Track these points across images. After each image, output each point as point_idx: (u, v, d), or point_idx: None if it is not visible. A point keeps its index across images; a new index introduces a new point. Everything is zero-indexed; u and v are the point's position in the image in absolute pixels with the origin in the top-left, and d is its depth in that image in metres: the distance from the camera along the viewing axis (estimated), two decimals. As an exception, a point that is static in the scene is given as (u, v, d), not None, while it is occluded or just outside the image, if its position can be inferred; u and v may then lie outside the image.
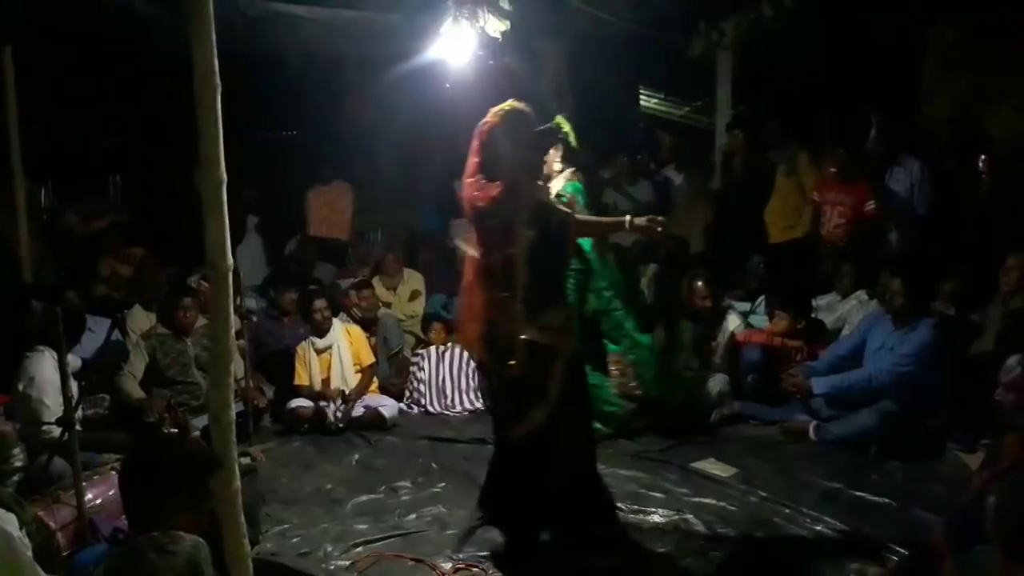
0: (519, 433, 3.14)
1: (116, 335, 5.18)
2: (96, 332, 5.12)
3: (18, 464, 3.55)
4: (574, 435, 3.29)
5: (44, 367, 4.00)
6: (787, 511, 3.64)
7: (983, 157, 5.65)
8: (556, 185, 4.55)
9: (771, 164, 6.44)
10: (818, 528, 3.48)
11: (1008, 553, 2.33)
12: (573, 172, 4.64)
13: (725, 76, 7.05)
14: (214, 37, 1.86)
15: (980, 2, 5.98)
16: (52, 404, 3.91)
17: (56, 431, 3.39)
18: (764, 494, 3.82)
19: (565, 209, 3.37)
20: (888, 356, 4.40)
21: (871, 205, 5.73)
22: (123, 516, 2.67)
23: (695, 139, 7.76)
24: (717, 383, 5.11)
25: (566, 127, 4.49)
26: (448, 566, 3.23)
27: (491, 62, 4.79)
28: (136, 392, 4.67)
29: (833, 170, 5.90)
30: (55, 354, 3.90)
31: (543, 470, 3.19)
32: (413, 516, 3.74)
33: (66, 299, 5.11)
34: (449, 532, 3.53)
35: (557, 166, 4.61)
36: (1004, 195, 5.37)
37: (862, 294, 5.40)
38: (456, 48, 4.70)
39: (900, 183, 5.80)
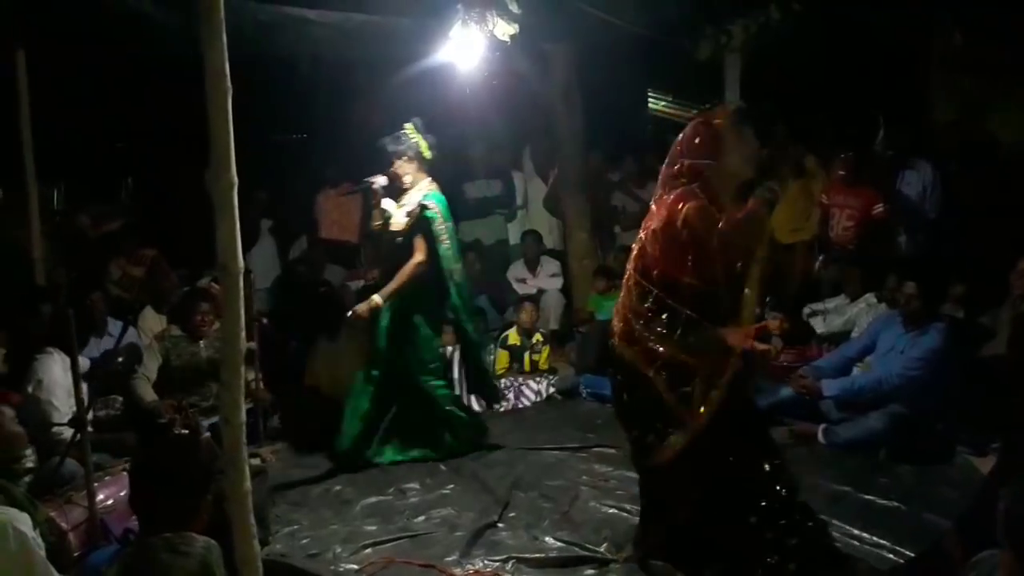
0: (660, 460, 2.90)
1: (131, 336, 5.22)
2: (112, 334, 5.19)
3: (29, 465, 3.58)
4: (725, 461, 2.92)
5: (52, 369, 4.02)
6: (796, 514, 3.63)
7: (990, 160, 5.64)
8: (414, 197, 4.46)
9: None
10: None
11: (1018, 557, 2.33)
12: (431, 182, 4.55)
13: (733, 79, 7.05)
14: (225, 40, 1.87)
15: (987, 5, 5.96)
16: (61, 406, 3.93)
17: (66, 432, 3.42)
18: (773, 497, 3.81)
19: None
20: (898, 359, 4.38)
21: (879, 208, 5.72)
22: (134, 517, 2.69)
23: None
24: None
25: (416, 136, 4.43)
26: (459, 572, 3.23)
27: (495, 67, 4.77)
28: (149, 395, 4.70)
29: (841, 173, 5.89)
30: (64, 356, 3.94)
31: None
32: (422, 518, 3.76)
33: (93, 301, 5.16)
34: (458, 534, 3.54)
35: (408, 178, 4.50)
36: (1012, 198, 5.34)
37: (870, 297, 5.39)
38: (465, 52, 4.72)
39: (912, 187, 5.78)
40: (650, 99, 9.21)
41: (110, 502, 3.21)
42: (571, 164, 6.72)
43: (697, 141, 2.88)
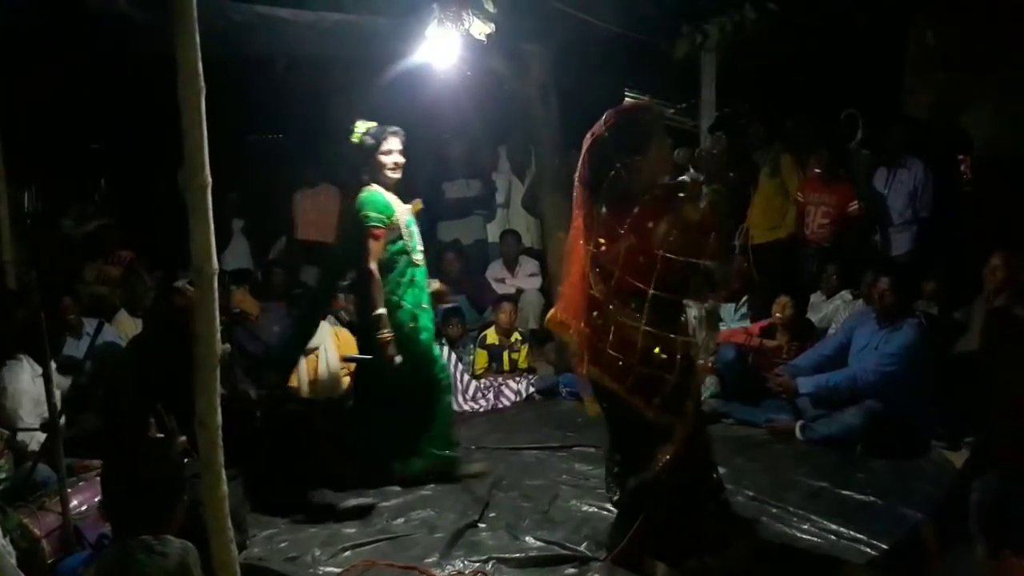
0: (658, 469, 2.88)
1: (108, 334, 5.14)
2: (89, 333, 5.11)
3: (2, 476, 3.52)
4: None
5: (20, 377, 3.95)
6: (774, 510, 3.66)
7: (963, 157, 5.71)
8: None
9: (754, 166, 6.48)
10: (805, 527, 3.50)
11: (992, 550, 2.37)
12: None
13: (709, 78, 7.09)
14: (198, 39, 1.85)
15: (960, 4, 6.04)
16: (26, 415, 3.87)
17: (35, 438, 3.37)
18: (751, 493, 3.84)
19: None
20: (873, 355, 4.43)
21: (854, 205, 5.77)
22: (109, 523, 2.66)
23: (681, 141, 7.79)
24: (707, 385, 5.13)
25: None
26: (439, 573, 3.22)
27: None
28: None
29: (817, 171, 5.94)
30: (33, 363, 3.89)
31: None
32: (401, 519, 3.74)
33: (64, 305, 5.09)
34: (437, 535, 3.53)
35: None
36: (985, 194, 5.42)
37: (846, 294, 5.45)
38: (441, 51, 4.70)
39: (904, 185, 5.83)
40: (627, 98, 9.24)
41: (84, 508, 3.16)
42: (549, 163, 6.72)
43: (625, 136, 2.85)
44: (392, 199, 4.04)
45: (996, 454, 2.96)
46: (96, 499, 3.15)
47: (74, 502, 3.09)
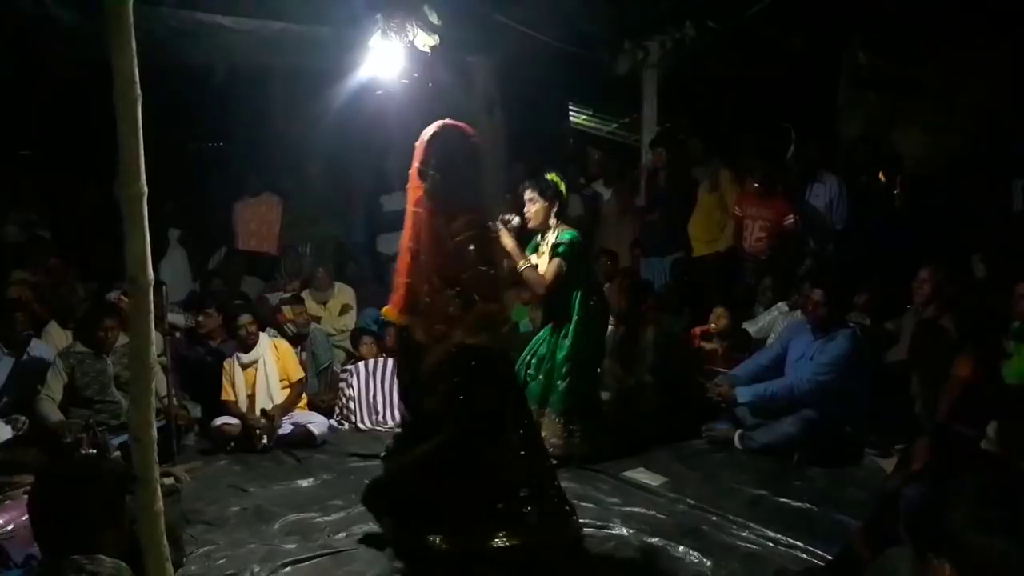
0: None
1: (37, 349, 4.98)
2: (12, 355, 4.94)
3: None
4: None
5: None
6: (714, 518, 3.71)
7: (895, 174, 5.90)
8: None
9: (694, 181, 6.60)
10: (744, 534, 3.55)
11: (919, 553, 2.44)
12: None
13: (651, 93, 7.21)
14: (134, 45, 1.82)
15: (891, 26, 6.26)
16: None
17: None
18: (692, 502, 3.89)
19: None
20: (808, 365, 4.53)
21: (790, 219, 5.92)
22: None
23: (623, 155, 7.91)
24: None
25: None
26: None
27: (415, 75, 4.74)
28: (55, 415, 4.51)
29: (755, 185, 6.08)
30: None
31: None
32: (343, 535, 3.68)
33: (16, 319, 4.92)
34: (380, 550, 3.49)
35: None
36: (915, 211, 5.61)
37: (783, 305, 5.57)
38: (385, 62, 4.70)
39: (819, 199, 6.01)
40: (571, 112, 9.35)
41: (10, 527, 3.06)
42: (494, 176, 6.75)
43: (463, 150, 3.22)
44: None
45: (923, 460, 3.06)
46: (24, 518, 3.04)
47: (0, 521, 2.98)
